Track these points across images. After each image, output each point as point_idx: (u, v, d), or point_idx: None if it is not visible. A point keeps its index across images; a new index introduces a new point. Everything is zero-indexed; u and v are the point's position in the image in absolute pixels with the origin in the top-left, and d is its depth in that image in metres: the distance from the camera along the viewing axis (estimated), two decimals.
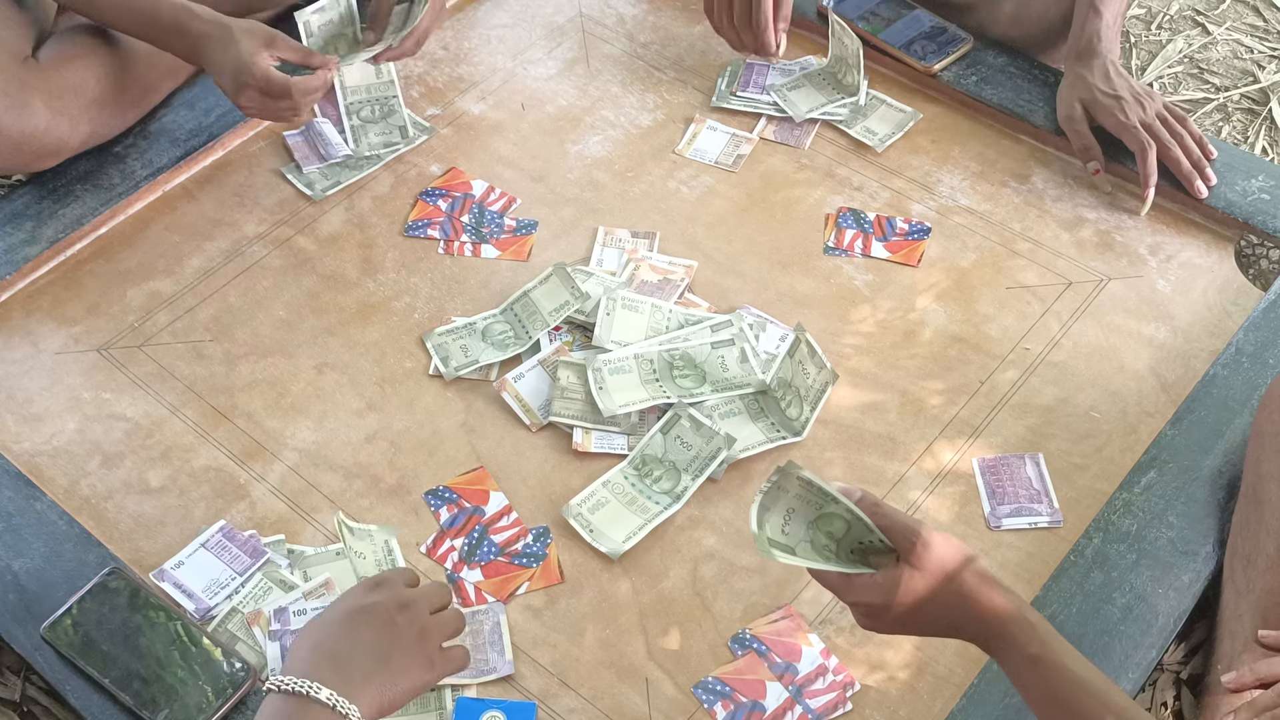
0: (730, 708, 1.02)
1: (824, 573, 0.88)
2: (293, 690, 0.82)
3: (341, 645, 0.86)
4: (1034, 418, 1.21)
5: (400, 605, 0.90)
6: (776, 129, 1.47)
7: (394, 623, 0.88)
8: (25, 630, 1.04)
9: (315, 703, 0.82)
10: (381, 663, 0.86)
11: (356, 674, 0.84)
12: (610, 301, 1.23)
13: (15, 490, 1.13)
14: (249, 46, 1.26)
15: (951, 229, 1.37)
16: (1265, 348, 1.23)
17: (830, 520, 0.87)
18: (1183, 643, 1.10)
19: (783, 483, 0.86)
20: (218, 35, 1.26)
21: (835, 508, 0.86)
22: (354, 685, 0.83)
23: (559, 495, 1.15)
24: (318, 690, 0.82)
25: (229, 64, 1.26)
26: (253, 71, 1.25)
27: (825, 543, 0.87)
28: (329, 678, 0.83)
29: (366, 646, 0.86)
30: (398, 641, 0.88)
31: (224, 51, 1.26)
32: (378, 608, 0.89)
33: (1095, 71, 1.38)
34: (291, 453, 1.18)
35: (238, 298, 1.30)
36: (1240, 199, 1.36)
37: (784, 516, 0.87)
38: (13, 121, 1.28)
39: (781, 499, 0.87)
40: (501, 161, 1.44)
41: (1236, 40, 1.75)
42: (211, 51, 1.27)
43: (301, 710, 0.82)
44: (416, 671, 0.88)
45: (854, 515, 0.85)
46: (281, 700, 0.82)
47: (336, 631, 0.87)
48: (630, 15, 1.62)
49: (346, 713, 0.82)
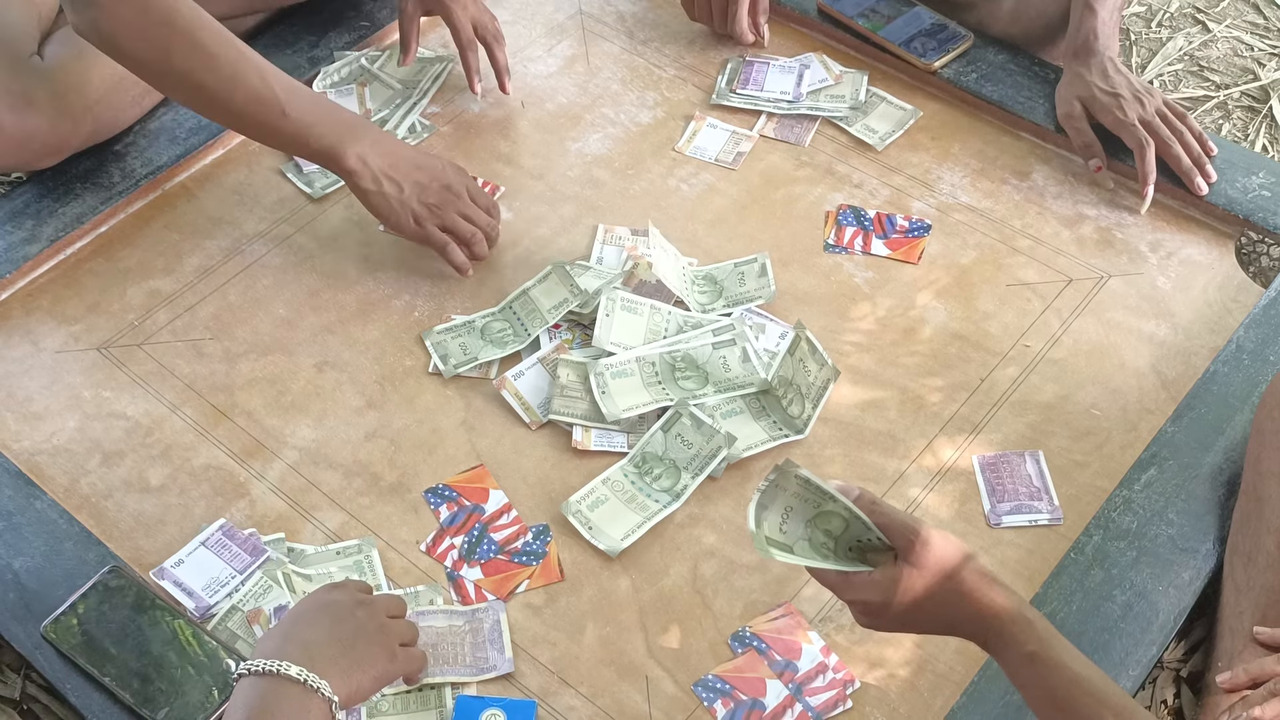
0: (730, 705, 1.02)
1: (822, 571, 0.88)
2: (263, 670, 0.84)
3: (308, 633, 0.88)
4: (1034, 415, 1.21)
5: (358, 602, 0.92)
6: (776, 126, 1.47)
7: (355, 615, 0.91)
8: (25, 628, 1.04)
9: (286, 679, 0.84)
10: (346, 649, 0.88)
11: (323, 659, 0.86)
12: (610, 302, 1.23)
13: (15, 489, 1.13)
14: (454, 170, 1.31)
15: (952, 226, 1.37)
16: (1266, 344, 1.23)
17: (828, 518, 0.87)
18: (1183, 640, 1.10)
19: (780, 481, 0.86)
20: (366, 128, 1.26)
21: (833, 506, 0.86)
22: (321, 667, 0.86)
23: (559, 493, 1.15)
24: (287, 668, 0.84)
25: (434, 163, 1.28)
26: (461, 172, 1.30)
27: (824, 540, 0.87)
28: (298, 660, 0.85)
29: (331, 634, 0.89)
30: (360, 631, 0.90)
31: (428, 160, 1.29)
32: (338, 603, 0.92)
33: (1093, 69, 1.38)
34: (291, 451, 1.18)
35: (238, 296, 1.30)
36: (1241, 196, 1.36)
37: (782, 515, 0.87)
38: (15, 120, 1.28)
39: (780, 497, 0.87)
40: (501, 159, 1.44)
41: (1237, 38, 1.75)
42: (380, 138, 1.26)
43: (273, 688, 0.83)
44: (381, 660, 0.90)
45: (852, 514, 0.85)
46: (252, 681, 0.84)
47: (302, 622, 0.90)
48: (630, 13, 1.62)
49: (317, 686, 0.84)
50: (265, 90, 1.19)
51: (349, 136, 1.23)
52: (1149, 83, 1.57)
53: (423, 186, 1.26)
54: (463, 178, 1.30)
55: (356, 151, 1.23)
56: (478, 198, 1.31)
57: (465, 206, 1.29)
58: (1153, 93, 1.38)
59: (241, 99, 1.19)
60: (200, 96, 1.20)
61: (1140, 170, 1.35)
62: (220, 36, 1.17)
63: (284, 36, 1.53)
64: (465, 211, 1.29)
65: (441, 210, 1.27)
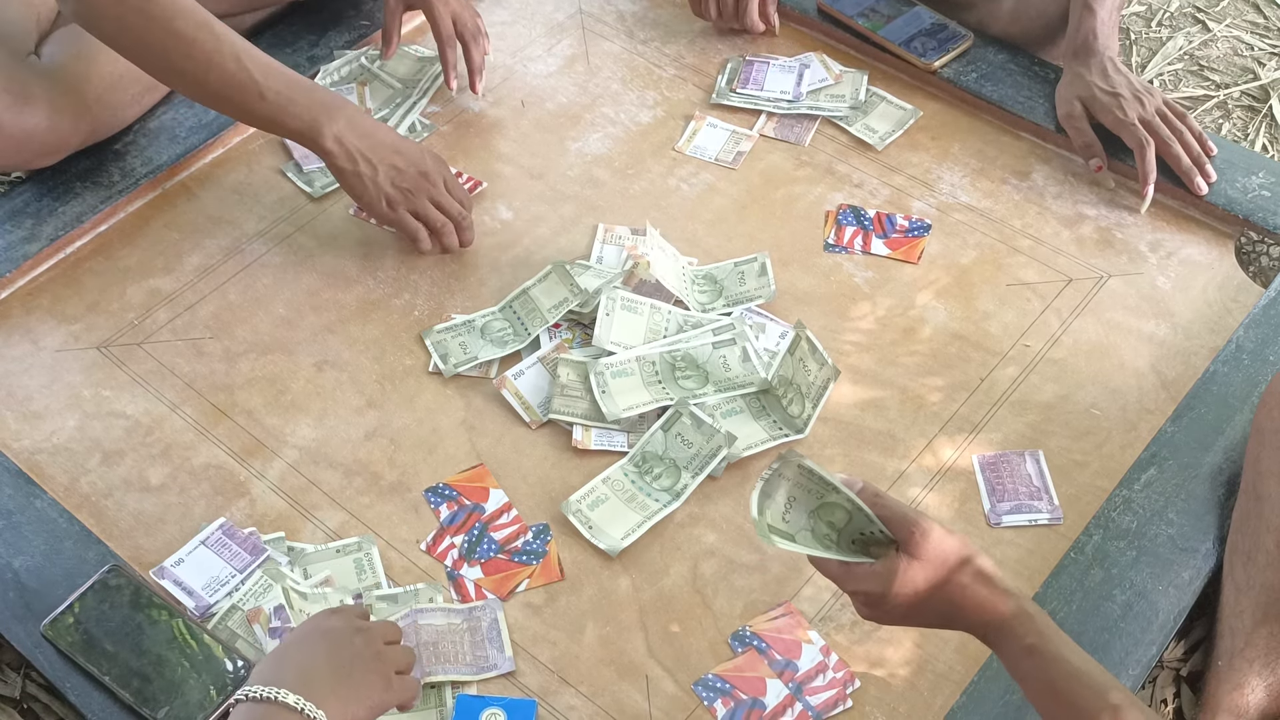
0: (730, 705, 1.02)
1: (823, 561, 0.88)
2: (260, 697, 0.83)
3: (305, 660, 0.88)
4: (1034, 415, 1.21)
5: (356, 630, 0.92)
6: (776, 126, 1.47)
7: (352, 643, 0.90)
8: (25, 628, 1.04)
9: (283, 707, 0.83)
10: (343, 677, 0.88)
11: (321, 687, 0.86)
12: (610, 302, 1.23)
13: (15, 488, 1.13)
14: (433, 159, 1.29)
15: (952, 226, 1.37)
16: (1265, 344, 1.23)
17: (831, 510, 0.87)
18: (1182, 640, 1.10)
19: (784, 470, 0.86)
20: (343, 106, 1.25)
21: (836, 497, 0.86)
22: (319, 696, 0.85)
23: (559, 493, 1.15)
24: (285, 695, 0.83)
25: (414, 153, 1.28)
26: (439, 162, 1.29)
27: (826, 532, 0.87)
28: (295, 688, 0.84)
29: (329, 663, 0.88)
30: (357, 659, 0.89)
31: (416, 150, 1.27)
32: (336, 630, 0.91)
33: (1093, 69, 1.38)
34: (291, 450, 1.18)
35: (237, 295, 1.30)
36: (1240, 196, 1.36)
37: (785, 504, 0.87)
38: (14, 119, 1.28)
39: (783, 486, 0.87)
40: (501, 159, 1.44)
41: (1237, 37, 1.75)
42: (357, 117, 1.25)
43: (270, 716, 0.83)
44: (377, 690, 0.89)
45: (855, 505, 0.86)
46: (249, 708, 0.84)
47: (300, 649, 0.89)
48: (630, 12, 1.62)
49: (314, 716, 0.83)
50: (241, 73, 1.20)
51: (325, 116, 1.23)
52: (1149, 82, 1.57)
53: (399, 170, 1.27)
54: (440, 167, 1.31)
55: (334, 131, 1.24)
56: (453, 189, 1.31)
57: (440, 195, 1.30)
58: (1153, 92, 1.38)
59: (217, 82, 1.20)
60: (180, 81, 1.22)
61: (1140, 169, 1.35)
62: (195, 19, 1.18)
63: (284, 35, 1.53)
64: (439, 200, 1.30)
65: (415, 196, 1.28)
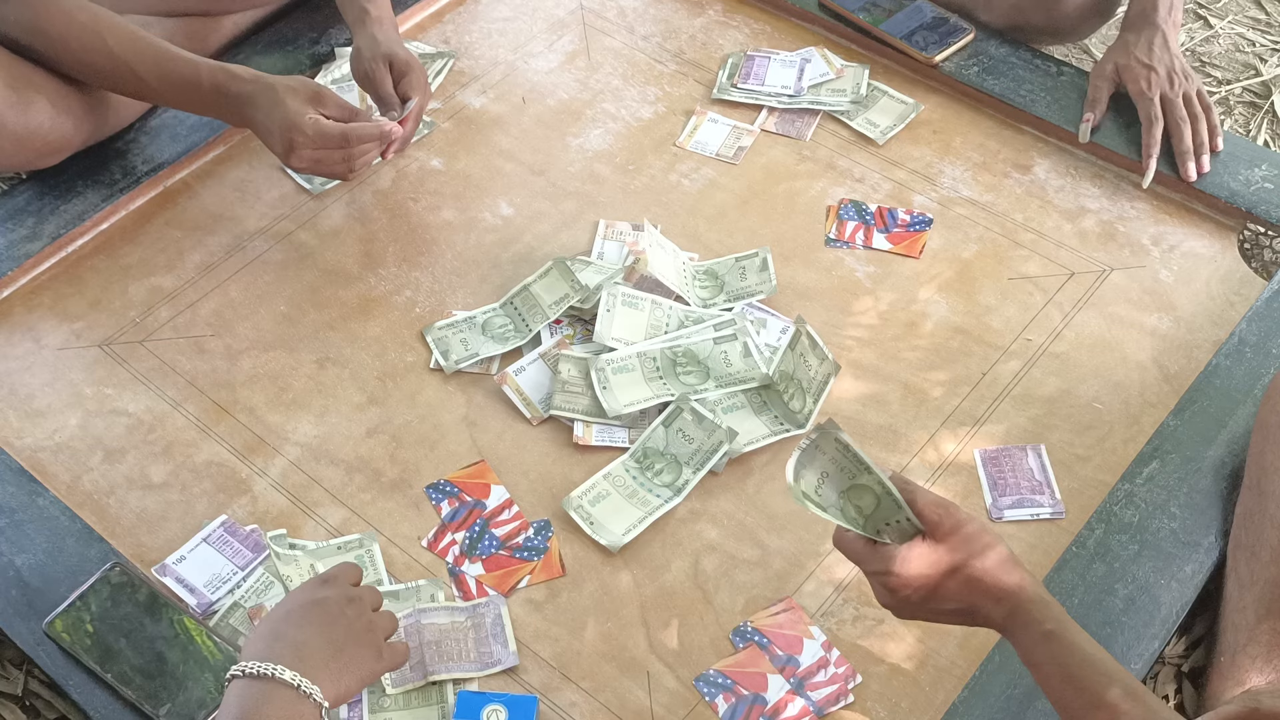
0: (732, 700, 1.02)
1: (848, 540, 0.89)
2: (257, 674, 0.84)
3: (298, 634, 0.88)
4: (1036, 409, 1.21)
5: (348, 599, 0.92)
6: (778, 121, 1.47)
7: (344, 614, 0.91)
8: (28, 625, 1.04)
9: (279, 683, 0.84)
10: (336, 651, 0.88)
11: (314, 661, 0.86)
12: (611, 298, 1.23)
13: (18, 486, 1.13)
14: (296, 104, 1.21)
15: (953, 220, 1.37)
16: (1268, 338, 1.23)
17: (861, 493, 0.88)
18: (1184, 635, 1.10)
19: (820, 443, 0.87)
20: (263, 95, 1.22)
21: (867, 479, 0.87)
22: (313, 670, 0.86)
23: (560, 489, 1.15)
24: (281, 671, 0.84)
25: (276, 124, 1.21)
26: (303, 128, 1.20)
27: (854, 516, 0.88)
28: (290, 663, 0.85)
29: (321, 636, 0.89)
30: (349, 632, 0.90)
31: (271, 111, 1.21)
32: (328, 601, 0.91)
33: (1142, 40, 1.39)
34: (293, 447, 1.18)
35: (239, 292, 1.30)
36: (1243, 189, 1.36)
37: (818, 480, 0.88)
38: (17, 119, 1.28)
39: (818, 459, 0.88)
40: (502, 155, 1.44)
41: (1238, 33, 1.75)
42: (257, 112, 1.23)
43: (266, 692, 0.83)
44: (368, 661, 0.90)
45: (885, 489, 0.87)
46: (245, 684, 0.84)
47: (292, 622, 0.89)
48: (631, 8, 1.62)
49: (309, 692, 0.84)
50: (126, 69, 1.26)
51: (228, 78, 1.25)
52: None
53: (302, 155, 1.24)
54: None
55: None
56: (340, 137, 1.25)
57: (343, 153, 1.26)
58: (1190, 78, 1.38)
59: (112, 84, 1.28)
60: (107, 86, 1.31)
61: (1144, 142, 1.35)
62: (88, 24, 1.25)
63: (284, 34, 1.53)
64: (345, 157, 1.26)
65: (323, 165, 1.26)
